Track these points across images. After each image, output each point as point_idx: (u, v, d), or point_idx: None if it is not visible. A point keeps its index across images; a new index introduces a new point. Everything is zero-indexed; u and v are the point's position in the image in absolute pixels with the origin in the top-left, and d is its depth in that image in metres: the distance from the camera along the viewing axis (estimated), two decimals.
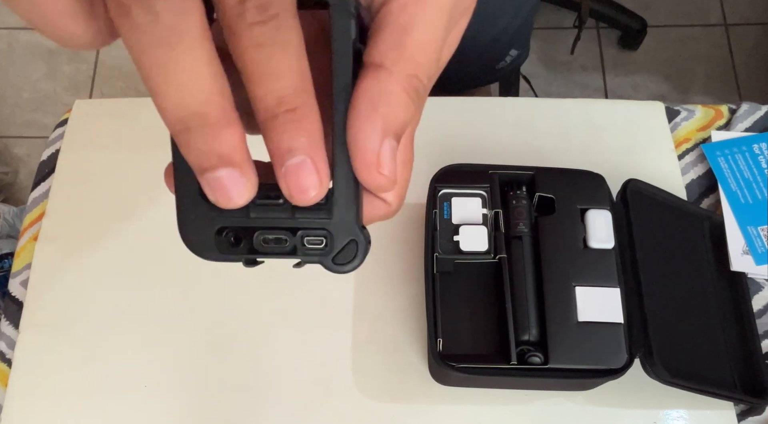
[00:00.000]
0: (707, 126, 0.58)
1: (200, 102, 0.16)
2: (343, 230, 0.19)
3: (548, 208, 0.47)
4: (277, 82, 0.16)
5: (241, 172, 0.17)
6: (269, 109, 0.17)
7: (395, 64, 0.19)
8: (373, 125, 0.18)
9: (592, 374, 0.43)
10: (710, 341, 0.48)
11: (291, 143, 0.17)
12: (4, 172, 1.37)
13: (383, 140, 0.18)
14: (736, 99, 1.43)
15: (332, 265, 0.20)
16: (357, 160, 0.18)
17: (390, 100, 0.18)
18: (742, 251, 0.52)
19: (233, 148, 0.17)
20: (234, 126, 0.17)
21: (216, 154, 0.17)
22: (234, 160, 0.17)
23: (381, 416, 0.48)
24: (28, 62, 1.49)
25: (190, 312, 0.51)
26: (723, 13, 1.52)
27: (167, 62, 0.15)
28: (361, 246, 0.19)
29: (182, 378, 0.49)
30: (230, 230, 0.19)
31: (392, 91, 0.18)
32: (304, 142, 0.17)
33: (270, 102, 0.17)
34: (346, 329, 0.50)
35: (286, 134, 0.17)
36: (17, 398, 0.49)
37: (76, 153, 0.58)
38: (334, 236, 0.19)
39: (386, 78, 0.18)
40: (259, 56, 0.16)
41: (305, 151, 0.17)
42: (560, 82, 1.46)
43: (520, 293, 0.44)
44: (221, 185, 0.17)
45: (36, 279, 0.53)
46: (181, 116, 0.16)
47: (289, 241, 0.19)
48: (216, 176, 0.17)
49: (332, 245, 0.19)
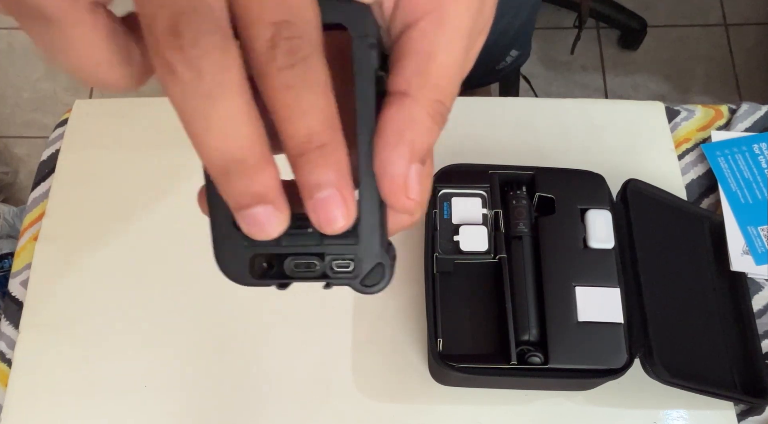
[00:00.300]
0: (707, 126, 0.58)
1: (239, 148, 0.17)
2: (370, 254, 0.20)
3: (548, 209, 0.47)
4: (307, 121, 0.17)
5: (275, 207, 0.18)
6: (299, 147, 0.17)
7: (420, 90, 0.19)
8: (400, 152, 0.19)
9: (592, 374, 0.43)
10: (710, 341, 0.48)
11: (320, 178, 0.18)
12: (4, 172, 1.37)
13: (410, 166, 0.19)
14: (736, 99, 1.43)
15: (360, 287, 0.21)
16: (385, 187, 0.19)
17: (416, 127, 0.19)
18: (742, 251, 0.52)
19: (269, 188, 0.18)
20: (269, 167, 0.17)
21: (253, 193, 0.17)
22: (269, 198, 0.18)
23: (381, 416, 0.48)
24: (28, 62, 1.49)
25: (190, 312, 0.51)
26: (723, 13, 1.52)
27: (209, 114, 0.16)
28: (387, 269, 0.20)
29: (182, 378, 0.49)
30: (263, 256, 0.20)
31: (418, 117, 0.19)
32: (333, 176, 0.18)
33: (300, 140, 0.17)
34: (346, 329, 0.50)
35: (315, 170, 0.18)
36: (17, 398, 0.49)
37: (76, 153, 0.58)
38: (362, 260, 0.20)
39: (412, 105, 0.19)
40: (289, 97, 0.17)
41: (333, 184, 0.18)
42: (560, 82, 1.46)
43: (520, 293, 0.44)
44: (256, 221, 0.18)
45: (36, 279, 0.53)
46: (221, 162, 0.17)
47: (318, 265, 0.20)
48: (251, 213, 0.18)
49: (360, 269, 0.20)
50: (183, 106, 0.16)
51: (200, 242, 0.56)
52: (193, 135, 0.17)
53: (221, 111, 0.16)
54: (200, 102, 0.16)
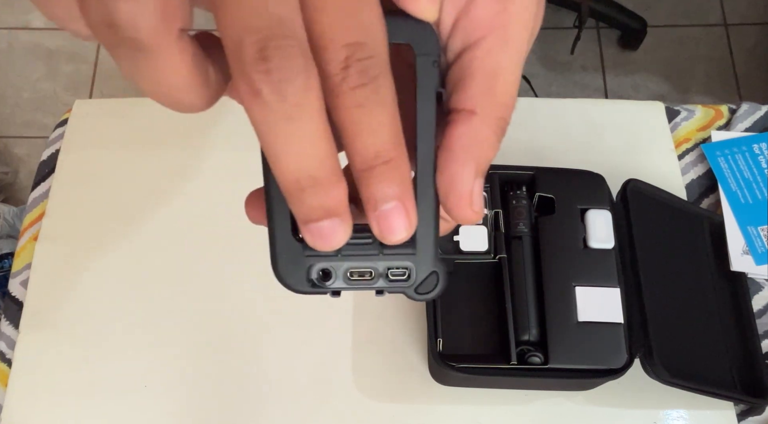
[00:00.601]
0: (707, 126, 0.58)
1: (315, 166, 0.18)
2: (426, 263, 0.21)
3: (548, 209, 0.47)
4: (376, 138, 0.18)
5: (342, 220, 0.19)
6: (367, 162, 0.18)
7: (486, 109, 0.20)
8: (468, 168, 0.20)
9: (592, 374, 0.43)
10: (710, 341, 0.48)
11: (386, 191, 0.18)
12: (4, 172, 1.37)
13: (475, 180, 0.20)
14: (736, 99, 1.43)
15: (414, 294, 0.21)
16: (452, 201, 0.20)
17: (483, 145, 0.20)
18: (742, 251, 0.52)
19: (339, 202, 0.18)
20: (341, 183, 0.18)
21: (324, 208, 0.18)
22: (338, 212, 0.18)
23: (381, 416, 0.48)
24: (28, 62, 1.49)
25: (190, 312, 0.51)
26: (723, 13, 1.52)
27: (290, 134, 0.17)
28: (442, 277, 0.21)
29: (182, 378, 0.49)
30: (320, 266, 0.21)
31: (485, 135, 0.20)
32: (397, 189, 0.18)
33: (368, 155, 0.18)
34: (346, 329, 0.50)
35: (381, 184, 0.18)
36: (17, 398, 0.49)
37: (76, 153, 0.58)
38: (417, 269, 0.21)
39: (479, 124, 0.20)
40: (360, 115, 0.18)
41: (398, 197, 0.18)
42: (560, 82, 1.46)
43: (520, 293, 0.44)
44: (323, 233, 0.19)
45: (36, 279, 0.53)
46: (297, 178, 0.18)
47: (374, 274, 0.21)
48: (319, 226, 0.18)
49: (415, 277, 0.21)
50: (264, 126, 0.17)
51: (200, 242, 0.56)
52: (271, 154, 0.17)
53: (302, 132, 0.17)
54: (282, 123, 0.17)
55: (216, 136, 0.58)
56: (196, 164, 0.57)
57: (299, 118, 0.17)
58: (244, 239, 0.54)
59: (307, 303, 0.51)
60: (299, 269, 0.21)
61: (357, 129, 0.18)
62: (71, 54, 1.49)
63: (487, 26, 0.20)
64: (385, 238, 0.19)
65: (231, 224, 0.54)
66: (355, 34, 0.17)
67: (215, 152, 0.57)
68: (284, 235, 0.21)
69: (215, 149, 0.57)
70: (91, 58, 1.49)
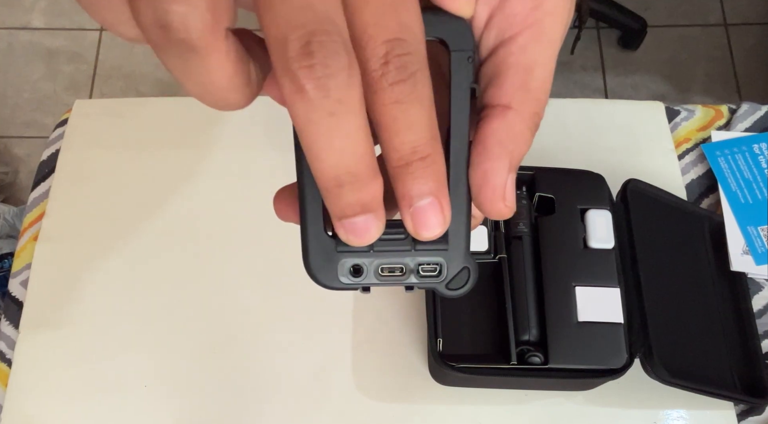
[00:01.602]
0: (707, 126, 0.58)
1: (355, 162, 0.18)
2: (457, 258, 0.21)
3: (548, 209, 0.47)
4: (413, 135, 0.18)
5: (376, 216, 0.19)
6: (404, 158, 0.18)
7: (522, 105, 0.20)
8: (502, 163, 0.20)
9: (592, 374, 0.43)
10: (710, 341, 0.48)
11: (422, 188, 0.18)
12: (4, 172, 1.37)
13: (509, 175, 0.20)
14: (736, 99, 1.43)
15: (445, 290, 0.21)
16: (486, 195, 0.20)
17: (517, 139, 0.20)
18: (742, 251, 0.52)
19: (375, 198, 0.18)
20: (378, 179, 0.18)
21: (361, 204, 0.18)
22: (373, 208, 0.18)
23: (381, 416, 0.48)
24: (28, 62, 1.49)
25: (190, 312, 0.51)
26: (723, 13, 1.51)
27: (332, 131, 0.17)
28: (473, 272, 0.21)
29: (182, 378, 0.49)
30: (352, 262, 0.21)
31: (519, 130, 0.20)
32: (433, 186, 0.18)
33: (405, 151, 0.18)
34: (346, 329, 0.50)
35: (417, 180, 0.18)
36: (17, 398, 0.49)
37: (76, 153, 0.58)
38: (449, 264, 0.21)
39: (514, 119, 0.20)
40: (398, 111, 0.18)
41: (433, 193, 0.18)
42: (560, 82, 1.46)
43: (520, 293, 0.44)
44: (357, 229, 0.19)
45: (36, 279, 0.53)
46: (336, 174, 0.18)
47: (405, 270, 0.21)
48: (354, 221, 0.18)
49: (447, 273, 0.21)
50: (306, 122, 0.17)
51: (200, 242, 0.56)
52: (311, 150, 0.17)
53: (343, 127, 0.17)
54: (325, 119, 0.17)
55: (216, 137, 0.58)
56: (196, 164, 0.57)
57: (341, 114, 0.17)
58: (244, 238, 0.54)
59: (308, 303, 0.51)
60: (331, 265, 0.21)
61: (395, 125, 0.18)
62: (71, 54, 1.49)
63: (521, 22, 0.21)
64: (419, 234, 0.19)
65: (231, 223, 0.54)
66: (395, 30, 0.17)
67: (215, 152, 0.57)
68: (317, 231, 0.21)
69: (215, 149, 0.57)
70: (91, 58, 1.49)
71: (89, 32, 1.50)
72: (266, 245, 0.53)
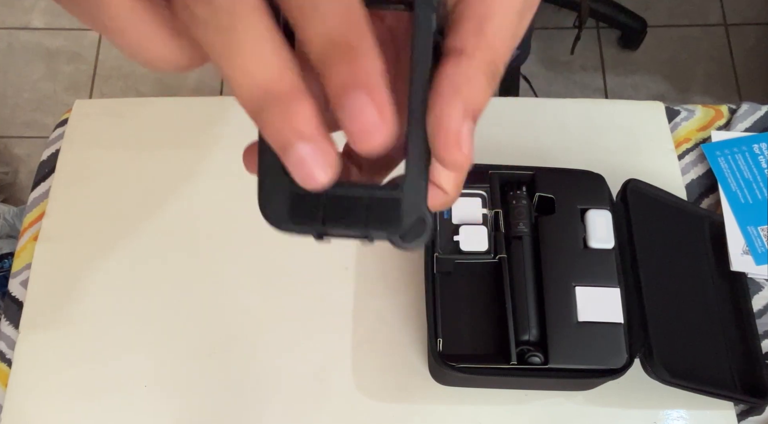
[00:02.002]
0: (707, 126, 0.58)
1: (268, 80, 0.16)
2: (413, 208, 0.20)
3: (548, 208, 0.47)
4: (327, 23, 0.16)
5: (317, 146, 0.17)
6: (322, 51, 0.17)
7: (476, 49, 0.19)
8: (455, 107, 0.19)
9: (592, 374, 0.43)
10: (710, 341, 0.48)
11: (345, 79, 0.17)
12: (4, 172, 1.37)
13: (464, 120, 0.19)
14: (736, 99, 1.43)
15: (400, 241, 0.21)
16: (440, 140, 0.19)
17: (471, 84, 0.19)
18: (742, 251, 0.52)
19: (306, 122, 0.17)
20: (304, 100, 0.17)
21: (290, 128, 0.17)
22: (308, 134, 0.17)
23: (381, 416, 0.48)
24: (28, 62, 1.49)
25: (190, 312, 0.51)
26: (723, 13, 1.51)
27: (231, 47, 0.16)
28: (429, 224, 0.21)
29: (182, 378, 0.49)
30: (306, 203, 0.21)
31: (473, 75, 0.19)
32: (362, 78, 0.17)
33: (322, 43, 0.17)
34: (346, 329, 0.50)
35: (340, 70, 0.17)
36: (17, 398, 0.49)
37: (76, 153, 0.58)
38: (403, 214, 0.20)
39: (467, 63, 0.19)
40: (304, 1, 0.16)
41: (363, 87, 0.17)
42: (560, 82, 1.46)
43: (520, 293, 0.44)
44: (302, 161, 0.17)
45: (36, 279, 0.53)
46: (252, 97, 0.17)
47: (358, 218, 0.21)
48: (296, 152, 0.17)
49: (401, 223, 0.20)
50: (208, 46, 0.16)
51: (200, 242, 0.56)
52: (224, 75, 0.16)
53: (242, 42, 0.16)
54: (221, 36, 0.16)
55: (216, 137, 0.58)
56: (195, 164, 0.57)
57: (236, 27, 0.16)
58: (244, 238, 0.54)
59: (308, 304, 0.51)
60: (282, 204, 0.20)
61: (304, 15, 0.16)
62: (71, 54, 1.49)
63: None
64: (356, 142, 0.17)
65: (231, 223, 0.54)
66: None
67: (215, 152, 0.57)
68: (274, 173, 0.20)
69: (215, 149, 0.57)
70: (91, 58, 1.49)
71: (89, 32, 1.50)
72: (266, 245, 0.53)
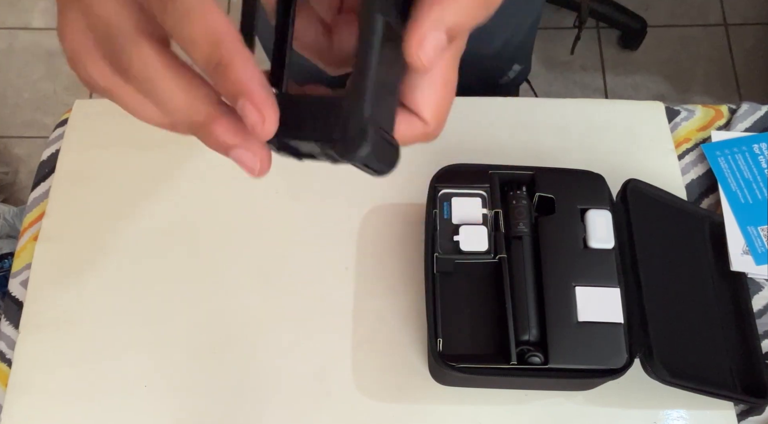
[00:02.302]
0: (707, 126, 0.58)
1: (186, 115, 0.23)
2: (354, 118, 0.21)
3: (548, 208, 0.47)
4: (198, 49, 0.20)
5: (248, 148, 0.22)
6: (205, 70, 0.21)
7: None
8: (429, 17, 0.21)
9: (592, 374, 0.43)
10: (710, 341, 0.48)
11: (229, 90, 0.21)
12: (4, 172, 1.37)
13: (435, 29, 0.21)
14: (736, 99, 1.43)
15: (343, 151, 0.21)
16: (407, 43, 0.21)
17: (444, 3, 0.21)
18: (742, 251, 0.52)
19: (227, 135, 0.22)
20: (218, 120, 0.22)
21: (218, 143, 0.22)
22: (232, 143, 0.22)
23: (381, 416, 0.48)
24: (28, 62, 1.49)
25: (190, 312, 0.51)
26: (723, 13, 1.51)
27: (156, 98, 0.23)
28: (370, 135, 0.21)
29: (182, 378, 0.49)
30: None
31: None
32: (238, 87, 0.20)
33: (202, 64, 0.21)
34: (346, 329, 0.50)
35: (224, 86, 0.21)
36: (17, 398, 0.49)
37: (76, 153, 0.58)
38: (345, 120, 0.21)
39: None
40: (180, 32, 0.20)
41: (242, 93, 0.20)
42: (560, 82, 1.46)
43: (520, 293, 0.44)
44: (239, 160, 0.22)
45: (36, 279, 0.53)
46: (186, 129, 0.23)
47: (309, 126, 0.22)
48: (232, 156, 0.22)
49: (341, 128, 0.21)
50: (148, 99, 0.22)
51: (200, 242, 0.56)
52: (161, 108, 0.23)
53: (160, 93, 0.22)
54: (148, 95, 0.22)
55: None
56: (196, 164, 0.57)
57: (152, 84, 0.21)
58: (244, 238, 0.54)
59: (308, 303, 0.51)
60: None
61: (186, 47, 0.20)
62: None
63: None
64: (252, 132, 0.21)
65: (231, 223, 0.54)
66: None
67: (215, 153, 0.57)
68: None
69: None
70: None
71: None
72: (266, 245, 0.53)
